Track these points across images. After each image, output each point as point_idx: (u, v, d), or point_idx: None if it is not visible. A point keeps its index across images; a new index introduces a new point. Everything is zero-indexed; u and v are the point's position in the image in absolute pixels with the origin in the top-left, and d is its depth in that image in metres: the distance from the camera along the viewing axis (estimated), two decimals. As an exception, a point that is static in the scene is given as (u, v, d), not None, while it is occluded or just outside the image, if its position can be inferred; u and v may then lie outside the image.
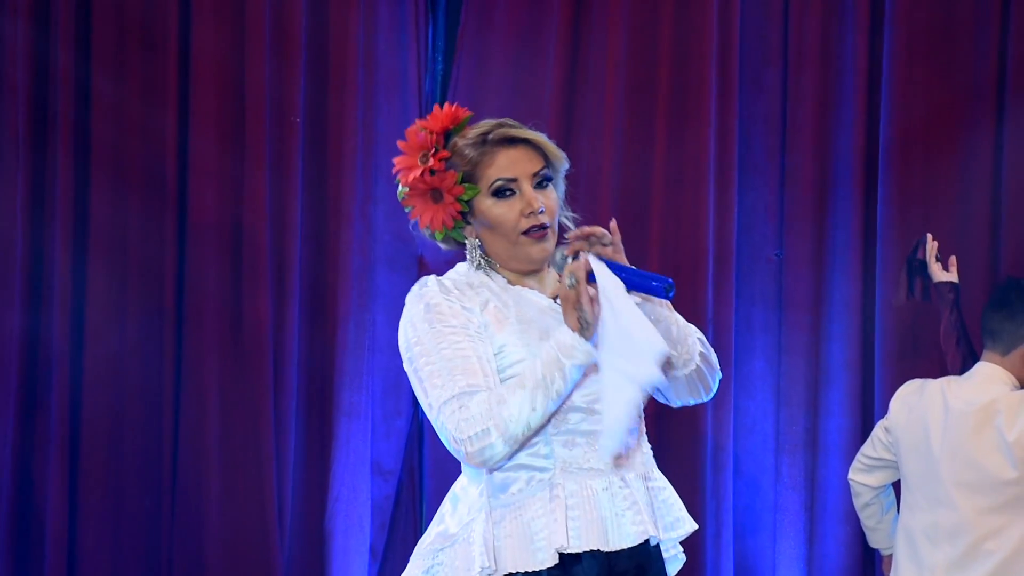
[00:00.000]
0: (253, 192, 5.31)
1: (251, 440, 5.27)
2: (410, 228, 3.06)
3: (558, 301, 2.90)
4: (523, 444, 2.88)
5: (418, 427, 5.48)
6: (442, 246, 3.09)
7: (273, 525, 5.26)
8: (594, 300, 2.80)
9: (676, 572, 3.09)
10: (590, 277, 2.81)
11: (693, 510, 5.13)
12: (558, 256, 2.90)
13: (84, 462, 5.27)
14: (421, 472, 5.45)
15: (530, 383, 2.83)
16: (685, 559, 3.11)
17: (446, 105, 3.02)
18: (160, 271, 5.32)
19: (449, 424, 2.84)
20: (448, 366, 2.86)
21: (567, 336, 2.80)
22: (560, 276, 2.88)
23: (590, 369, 2.87)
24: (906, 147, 5.29)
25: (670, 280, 2.80)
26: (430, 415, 2.88)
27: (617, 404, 2.78)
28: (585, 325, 2.80)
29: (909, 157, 5.29)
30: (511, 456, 2.89)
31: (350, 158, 5.40)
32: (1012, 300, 4.37)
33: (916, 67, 5.29)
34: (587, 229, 2.87)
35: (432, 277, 3.00)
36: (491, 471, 2.92)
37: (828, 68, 5.39)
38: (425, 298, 2.94)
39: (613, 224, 2.89)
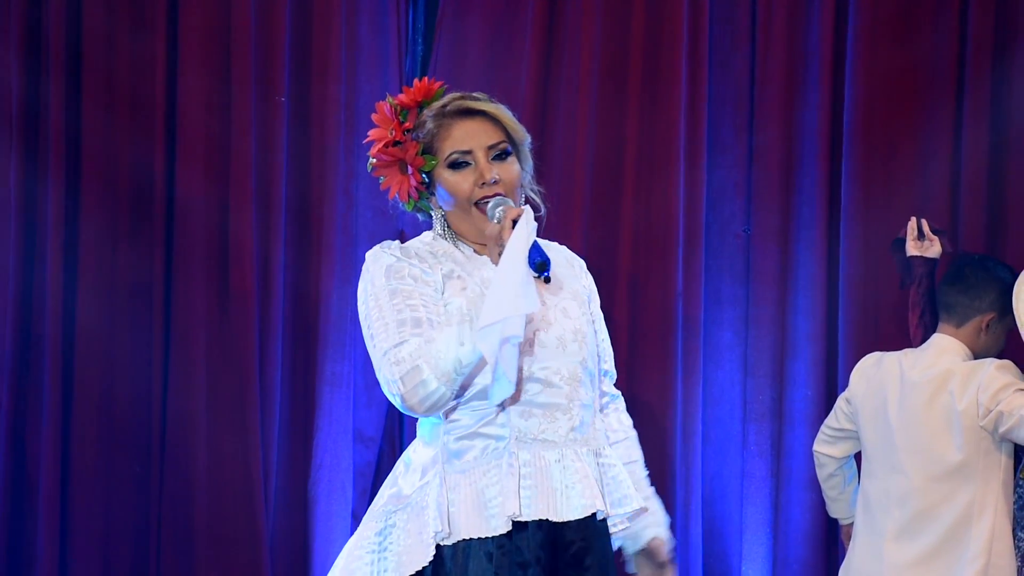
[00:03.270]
0: (239, 168, 5.35)
1: (237, 409, 5.30)
2: (389, 202, 3.08)
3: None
4: (462, 388, 2.85)
5: (399, 396, 5.54)
6: (419, 216, 3.10)
7: (259, 492, 5.29)
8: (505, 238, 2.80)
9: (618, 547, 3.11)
10: (515, 224, 2.81)
11: (663, 477, 5.30)
12: (497, 208, 2.91)
13: (75, 434, 5.33)
14: (401, 440, 5.46)
15: (456, 320, 2.82)
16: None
17: (424, 79, 3.04)
18: (150, 248, 5.36)
19: (385, 370, 2.83)
20: (398, 318, 2.85)
21: (492, 274, 2.82)
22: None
23: (531, 337, 2.89)
24: (869, 127, 5.31)
25: (545, 261, 2.78)
26: (375, 368, 2.87)
27: (491, 337, 2.75)
28: None
29: (872, 137, 5.31)
30: (456, 398, 2.86)
31: (333, 136, 5.43)
32: (966, 275, 4.45)
33: (879, 51, 5.30)
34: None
35: (395, 241, 3.01)
36: (447, 431, 2.91)
37: (794, 52, 5.40)
38: (386, 258, 2.95)
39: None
